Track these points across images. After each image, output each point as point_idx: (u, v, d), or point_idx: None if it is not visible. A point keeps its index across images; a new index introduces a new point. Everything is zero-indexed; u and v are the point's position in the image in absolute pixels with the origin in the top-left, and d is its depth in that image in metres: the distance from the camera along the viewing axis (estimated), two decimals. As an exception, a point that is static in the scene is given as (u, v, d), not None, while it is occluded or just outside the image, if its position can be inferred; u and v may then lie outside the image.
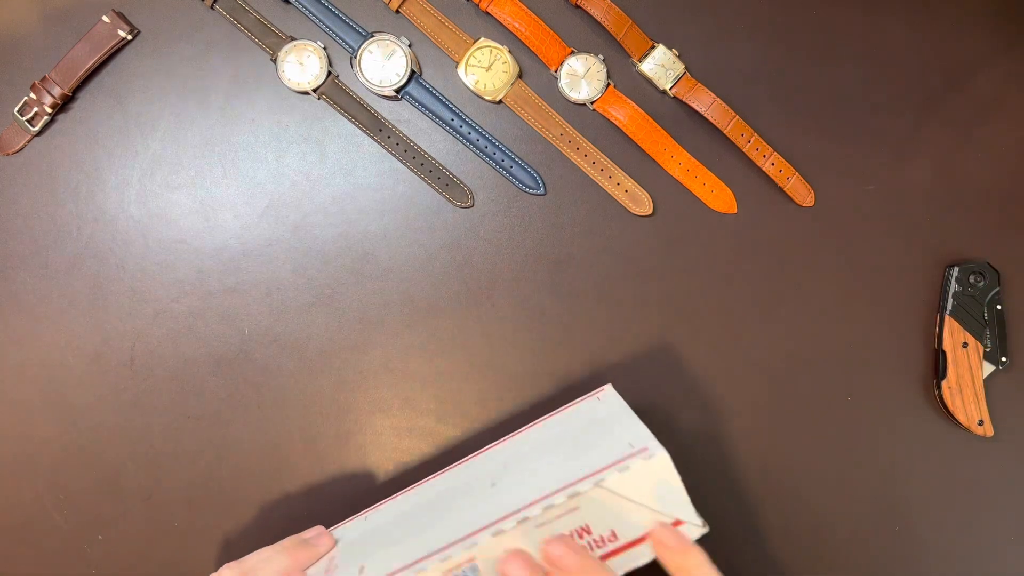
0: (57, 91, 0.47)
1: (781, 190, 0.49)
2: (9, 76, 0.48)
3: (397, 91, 0.48)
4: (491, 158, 0.49)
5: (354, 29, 0.48)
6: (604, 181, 0.49)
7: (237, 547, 0.48)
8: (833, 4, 0.50)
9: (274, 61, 0.48)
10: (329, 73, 0.48)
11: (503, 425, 0.49)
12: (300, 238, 0.49)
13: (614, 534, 0.36)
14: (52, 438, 0.48)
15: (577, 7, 0.49)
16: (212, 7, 0.48)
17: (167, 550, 0.48)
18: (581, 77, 0.49)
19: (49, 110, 0.47)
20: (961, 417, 0.48)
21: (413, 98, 0.49)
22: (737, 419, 0.49)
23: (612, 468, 0.36)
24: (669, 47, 0.49)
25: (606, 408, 0.42)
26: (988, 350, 0.48)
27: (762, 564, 0.49)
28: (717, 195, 0.49)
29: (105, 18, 0.47)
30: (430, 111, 0.49)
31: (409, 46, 0.48)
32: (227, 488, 0.48)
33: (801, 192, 0.49)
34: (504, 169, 0.49)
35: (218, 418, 0.48)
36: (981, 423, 0.48)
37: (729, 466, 0.50)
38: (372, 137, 0.49)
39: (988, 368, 0.49)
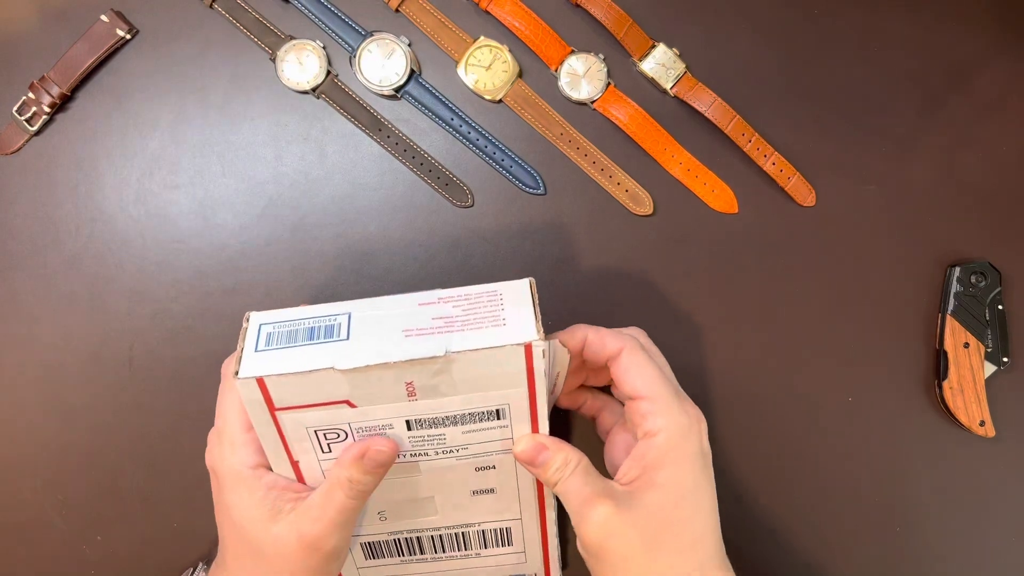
0: (56, 90, 0.47)
1: (782, 190, 0.49)
2: (7, 75, 0.48)
3: (397, 90, 0.48)
4: (491, 158, 0.49)
5: (353, 28, 0.48)
6: (604, 181, 0.49)
7: (236, 548, 0.48)
8: (834, 4, 0.50)
9: (273, 60, 0.48)
10: (328, 72, 0.48)
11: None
12: (299, 238, 0.49)
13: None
14: (50, 438, 0.48)
15: (577, 6, 0.48)
16: (211, 6, 0.48)
17: (166, 551, 0.48)
18: (581, 76, 0.49)
19: (48, 110, 0.47)
20: (962, 417, 0.48)
21: (413, 97, 0.49)
22: (737, 419, 0.49)
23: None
24: (670, 46, 0.48)
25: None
26: (989, 350, 0.48)
27: (762, 564, 0.49)
28: (718, 195, 0.49)
29: (104, 17, 0.47)
30: (430, 110, 0.49)
31: (409, 45, 0.48)
32: (226, 488, 0.48)
33: (802, 192, 0.49)
34: (504, 169, 0.49)
35: (217, 418, 0.48)
36: (983, 423, 0.48)
37: (729, 466, 0.49)
38: (372, 137, 0.49)
39: (990, 368, 0.48)
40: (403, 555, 0.42)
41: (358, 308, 0.36)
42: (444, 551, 0.42)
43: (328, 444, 0.36)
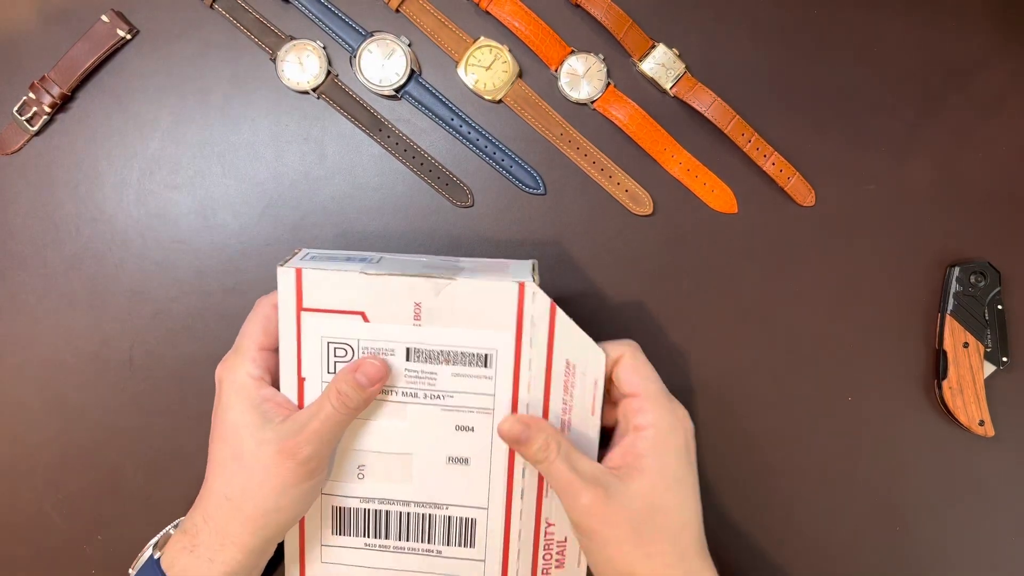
0: (56, 91, 0.47)
1: (782, 190, 0.49)
2: (8, 75, 0.48)
3: (397, 91, 0.48)
4: (491, 158, 0.49)
5: (354, 28, 0.48)
6: (604, 181, 0.49)
7: (237, 547, 0.48)
8: (834, 3, 0.50)
9: (273, 60, 0.48)
10: (329, 72, 0.48)
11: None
12: (300, 238, 0.49)
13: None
14: (51, 438, 0.48)
15: (577, 6, 0.48)
16: (211, 6, 0.48)
17: (166, 550, 0.48)
18: (581, 76, 0.49)
19: (48, 110, 0.47)
20: (962, 417, 0.48)
21: (413, 98, 0.49)
22: (737, 419, 0.49)
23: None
24: (669, 46, 0.48)
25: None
26: (989, 350, 0.48)
27: (762, 564, 0.49)
28: (717, 195, 0.49)
29: (104, 17, 0.47)
30: (430, 111, 0.49)
31: (409, 45, 0.48)
32: (226, 488, 0.48)
33: (802, 192, 0.49)
34: (504, 169, 0.49)
35: (217, 418, 0.48)
36: (982, 423, 0.48)
37: (729, 466, 0.49)
38: (372, 137, 0.49)
39: (989, 368, 0.48)
40: (368, 535, 0.43)
41: (390, 254, 0.43)
42: (408, 538, 0.43)
43: (334, 363, 0.40)
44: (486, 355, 0.40)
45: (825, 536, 0.49)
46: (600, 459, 0.41)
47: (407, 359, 0.40)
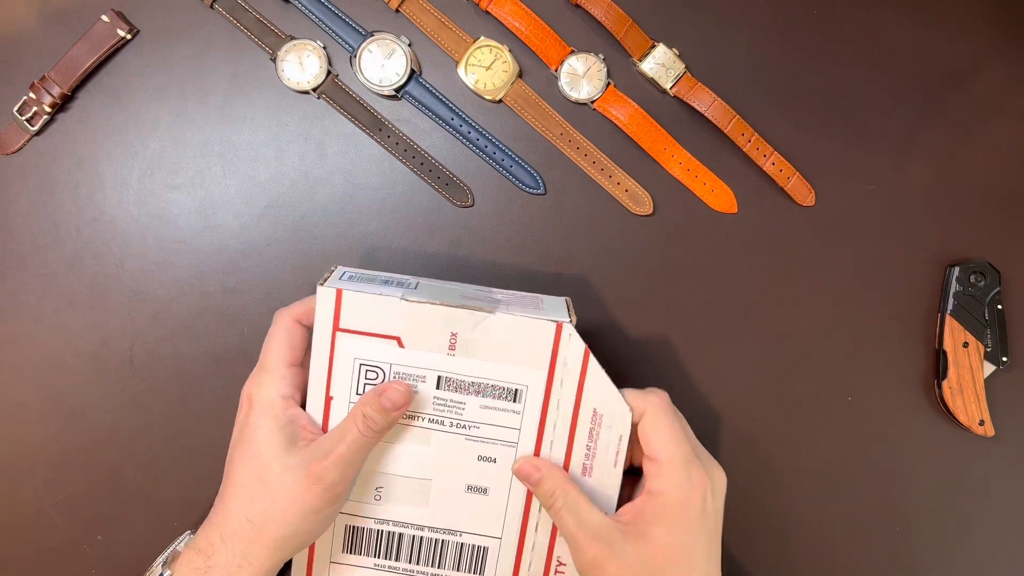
0: (56, 90, 0.47)
1: (781, 190, 0.49)
2: (8, 75, 0.48)
3: (397, 90, 0.48)
4: (491, 158, 0.49)
5: (354, 28, 0.48)
6: (604, 181, 0.49)
7: (237, 547, 0.48)
8: (834, 4, 0.50)
9: (274, 60, 0.48)
10: (329, 72, 0.48)
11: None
12: (300, 238, 0.49)
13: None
14: (51, 438, 0.48)
15: (577, 6, 0.49)
16: (212, 6, 0.48)
17: (166, 550, 0.48)
18: (581, 76, 0.49)
19: (48, 109, 0.47)
20: (962, 417, 0.48)
21: (413, 97, 0.49)
22: (737, 419, 0.49)
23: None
24: (669, 46, 0.48)
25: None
26: (989, 350, 0.48)
27: (762, 564, 0.49)
28: (717, 194, 0.49)
29: (104, 17, 0.47)
30: (430, 110, 0.49)
31: (409, 45, 0.48)
32: (227, 488, 0.48)
33: (801, 192, 0.49)
34: (504, 169, 0.49)
35: (218, 418, 0.48)
36: (982, 423, 0.48)
37: (728, 466, 0.49)
38: (372, 137, 0.49)
39: (989, 368, 0.48)
40: (380, 556, 0.43)
41: (425, 279, 0.43)
42: (419, 562, 0.43)
43: (364, 385, 0.40)
44: (516, 390, 0.40)
45: (825, 536, 0.49)
46: (621, 498, 0.41)
47: (437, 387, 0.40)
